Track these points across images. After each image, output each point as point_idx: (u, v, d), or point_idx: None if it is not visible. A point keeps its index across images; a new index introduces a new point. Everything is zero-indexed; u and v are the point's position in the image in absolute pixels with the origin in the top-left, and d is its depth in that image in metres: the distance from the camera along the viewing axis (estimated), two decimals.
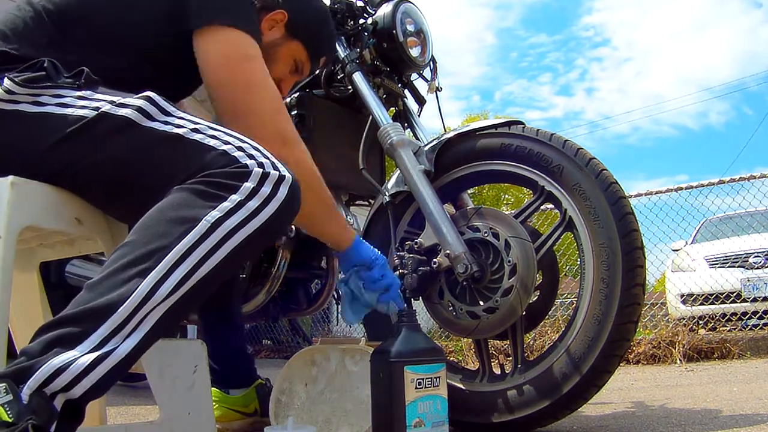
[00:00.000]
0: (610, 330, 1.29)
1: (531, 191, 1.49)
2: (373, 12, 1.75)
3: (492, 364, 1.51)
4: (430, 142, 1.60)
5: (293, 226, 1.66)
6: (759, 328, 4.27)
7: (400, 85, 1.83)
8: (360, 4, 1.78)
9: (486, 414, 1.39)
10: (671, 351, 3.59)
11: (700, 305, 4.60)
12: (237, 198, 0.88)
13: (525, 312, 1.41)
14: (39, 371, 0.73)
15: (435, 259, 1.43)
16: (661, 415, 1.69)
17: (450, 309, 1.46)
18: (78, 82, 0.97)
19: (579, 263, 1.42)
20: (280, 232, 0.96)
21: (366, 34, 1.71)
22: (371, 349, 1.17)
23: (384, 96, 1.75)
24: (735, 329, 4.29)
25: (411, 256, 1.42)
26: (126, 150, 0.94)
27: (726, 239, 5.09)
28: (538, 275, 1.43)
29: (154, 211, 0.88)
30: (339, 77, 1.76)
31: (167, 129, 0.94)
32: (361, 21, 1.75)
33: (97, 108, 0.94)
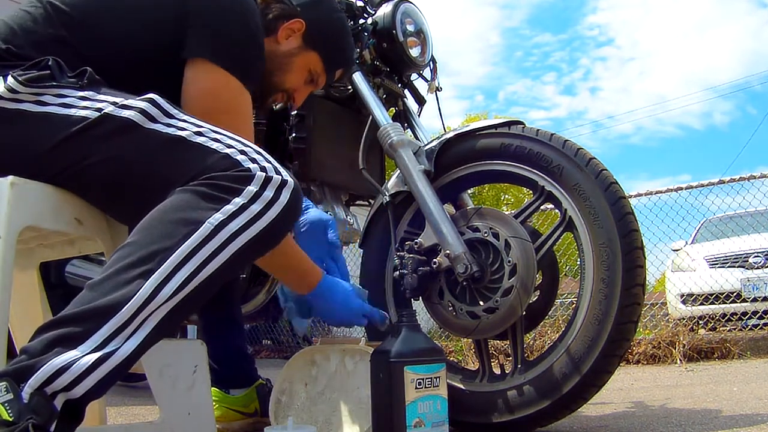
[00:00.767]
0: (610, 330, 1.29)
1: (531, 191, 1.49)
2: (373, 12, 1.75)
3: (492, 364, 1.51)
4: (430, 142, 1.60)
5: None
6: (759, 328, 4.28)
7: (400, 85, 1.83)
8: (360, 4, 1.78)
9: (486, 414, 1.39)
10: (671, 351, 3.59)
11: (700, 305, 4.60)
12: (240, 201, 0.88)
13: (525, 312, 1.41)
14: (40, 371, 0.73)
15: (435, 259, 1.43)
16: (661, 415, 1.69)
17: (450, 309, 1.46)
18: (81, 82, 0.97)
19: (579, 263, 1.42)
20: (281, 236, 0.96)
21: (366, 34, 1.71)
22: (371, 349, 1.17)
23: (384, 96, 1.75)
24: (735, 329, 4.29)
25: (411, 256, 1.42)
26: (128, 152, 0.94)
27: (726, 239, 5.09)
28: (538, 275, 1.43)
29: (156, 212, 0.87)
30: None
31: (170, 131, 0.94)
32: (361, 21, 1.75)
33: (100, 109, 0.94)
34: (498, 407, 1.38)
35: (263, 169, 0.91)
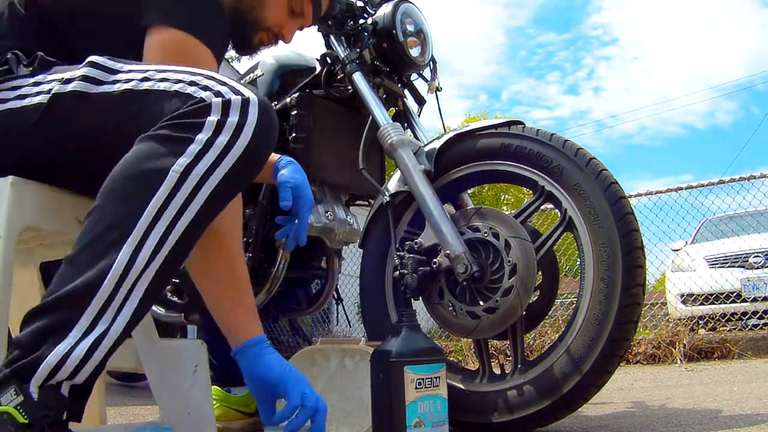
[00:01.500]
0: (610, 330, 1.29)
1: (531, 191, 1.49)
2: (373, 12, 1.75)
3: (492, 364, 1.51)
4: (430, 142, 1.60)
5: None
6: (759, 328, 4.27)
7: (399, 85, 1.83)
8: (360, 4, 1.78)
9: (486, 414, 1.39)
10: (671, 351, 3.59)
11: (700, 305, 4.60)
12: (203, 137, 0.81)
13: (525, 312, 1.41)
14: (41, 368, 0.73)
15: (435, 259, 1.43)
16: (661, 415, 1.69)
17: (450, 309, 1.46)
18: (32, 67, 0.95)
19: (579, 263, 1.42)
20: (261, 160, 0.88)
21: (366, 34, 1.71)
22: (371, 349, 1.17)
23: (384, 96, 1.75)
24: (735, 329, 4.29)
25: (411, 256, 1.42)
26: (86, 123, 0.90)
27: (726, 239, 5.09)
28: (538, 275, 1.43)
29: (119, 168, 0.82)
30: (339, 77, 1.76)
31: (117, 88, 0.89)
32: (361, 21, 1.75)
33: (50, 90, 0.91)
34: (498, 407, 1.38)
35: (218, 94, 0.84)
